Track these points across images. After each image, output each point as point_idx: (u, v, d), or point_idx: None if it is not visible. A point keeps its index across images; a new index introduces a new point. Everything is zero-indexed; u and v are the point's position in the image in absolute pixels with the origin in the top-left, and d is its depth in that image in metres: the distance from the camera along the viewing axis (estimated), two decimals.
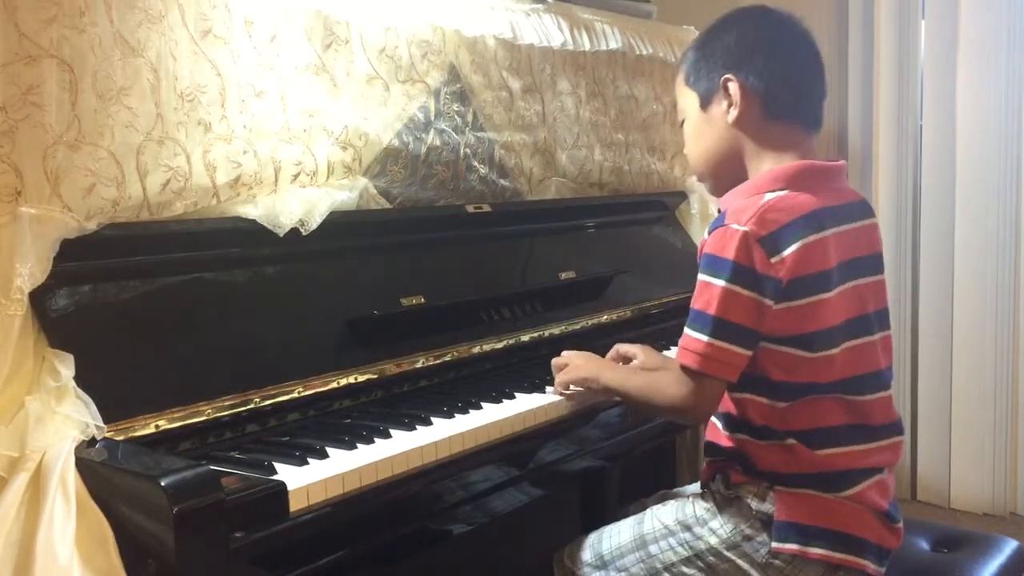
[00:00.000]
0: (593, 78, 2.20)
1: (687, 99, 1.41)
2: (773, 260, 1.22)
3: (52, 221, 1.19)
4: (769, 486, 1.29)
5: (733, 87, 1.33)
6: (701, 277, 1.26)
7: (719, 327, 1.22)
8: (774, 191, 1.27)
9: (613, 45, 2.19)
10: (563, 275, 1.91)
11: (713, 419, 1.38)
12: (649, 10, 2.44)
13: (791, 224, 1.23)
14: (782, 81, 1.32)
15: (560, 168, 2.12)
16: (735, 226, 1.23)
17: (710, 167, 1.41)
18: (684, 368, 1.26)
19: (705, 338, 1.23)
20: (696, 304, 1.26)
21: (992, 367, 2.78)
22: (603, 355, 1.56)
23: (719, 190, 1.41)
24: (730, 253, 1.22)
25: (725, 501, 1.34)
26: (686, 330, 1.26)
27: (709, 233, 1.28)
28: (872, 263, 1.34)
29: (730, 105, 1.33)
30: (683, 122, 1.44)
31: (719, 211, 1.32)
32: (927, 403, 2.92)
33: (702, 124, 1.39)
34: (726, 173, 1.38)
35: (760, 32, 1.35)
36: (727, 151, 1.36)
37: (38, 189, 1.19)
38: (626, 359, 1.56)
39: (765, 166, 1.33)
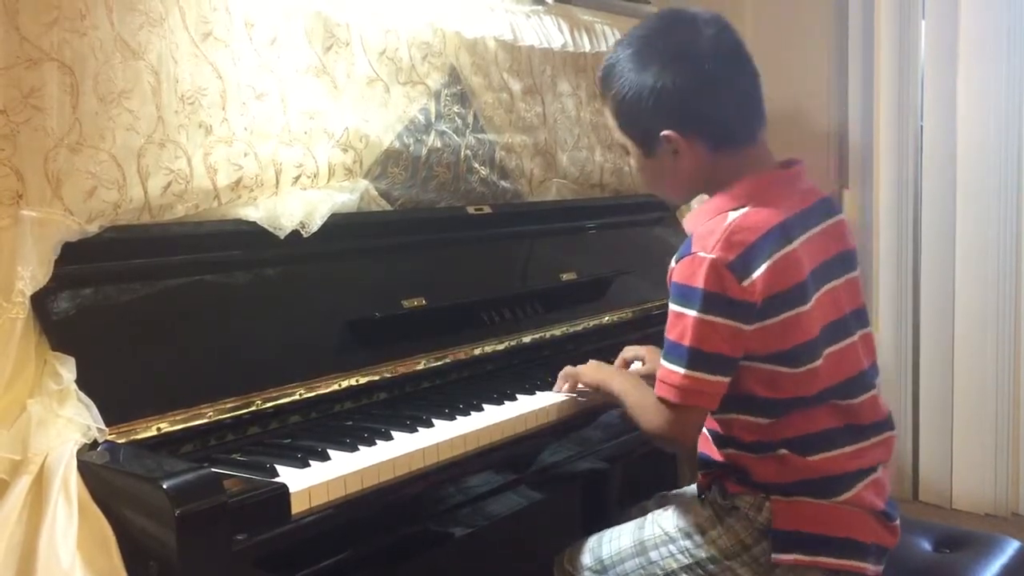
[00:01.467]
0: (593, 79, 2.20)
1: (625, 140, 1.35)
2: (744, 284, 1.20)
3: (53, 224, 1.19)
4: (765, 496, 1.28)
5: (675, 141, 1.27)
6: (672, 307, 1.25)
7: (694, 358, 1.22)
8: (736, 208, 1.25)
9: None
10: (564, 276, 1.91)
11: (705, 431, 1.37)
12: (649, 11, 2.44)
13: (758, 242, 1.21)
14: (720, 118, 1.27)
15: (561, 169, 2.12)
16: (702, 254, 1.21)
17: (672, 196, 1.43)
18: (663, 400, 1.26)
19: (682, 370, 1.22)
20: (670, 335, 1.25)
21: (993, 367, 2.77)
22: (610, 358, 1.56)
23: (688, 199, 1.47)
24: (699, 282, 1.20)
25: (723, 511, 1.33)
26: (662, 361, 1.26)
27: (676, 261, 1.26)
28: (843, 261, 1.32)
29: (675, 153, 1.29)
30: (627, 152, 1.38)
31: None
32: (928, 403, 2.91)
33: (651, 168, 1.34)
34: (690, 191, 1.38)
35: (679, 72, 1.25)
36: (684, 184, 1.34)
37: (39, 192, 1.19)
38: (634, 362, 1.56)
39: (727, 184, 1.28)
